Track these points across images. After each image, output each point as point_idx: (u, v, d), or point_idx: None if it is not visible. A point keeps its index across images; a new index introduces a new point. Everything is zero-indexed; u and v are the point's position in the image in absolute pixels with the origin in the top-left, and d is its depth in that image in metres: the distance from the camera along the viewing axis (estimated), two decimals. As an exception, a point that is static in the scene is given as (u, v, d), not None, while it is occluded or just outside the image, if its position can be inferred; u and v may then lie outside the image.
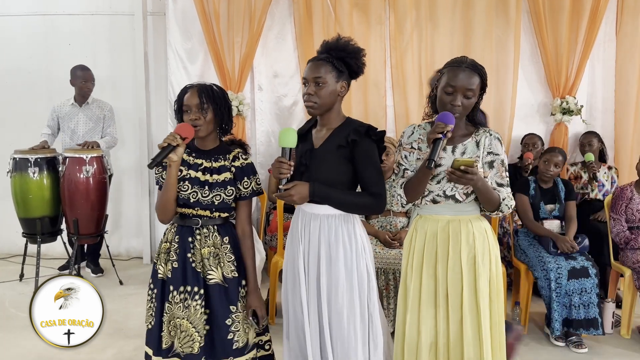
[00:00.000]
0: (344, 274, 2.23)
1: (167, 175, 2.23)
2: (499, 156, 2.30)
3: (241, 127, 5.11)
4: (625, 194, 3.89)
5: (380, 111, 5.11)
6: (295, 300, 2.31)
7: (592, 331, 3.51)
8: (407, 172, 2.34)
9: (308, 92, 2.22)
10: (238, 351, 2.28)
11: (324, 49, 2.27)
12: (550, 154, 3.91)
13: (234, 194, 2.31)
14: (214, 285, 2.27)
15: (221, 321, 2.26)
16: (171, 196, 2.24)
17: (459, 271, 2.27)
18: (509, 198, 2.28)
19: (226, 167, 2.31)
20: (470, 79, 2.21)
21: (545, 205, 3.89)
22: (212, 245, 2.29)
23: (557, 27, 4.92)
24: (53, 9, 5.48)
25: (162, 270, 2.29)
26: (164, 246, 2.32)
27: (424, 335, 2.30)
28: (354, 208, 2.27)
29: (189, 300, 2.24)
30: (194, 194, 2.25)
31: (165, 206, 2.26)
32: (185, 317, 2.24)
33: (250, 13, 4.98)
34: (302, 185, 2.18)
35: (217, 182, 2.28)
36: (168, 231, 2.35)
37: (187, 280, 2.26)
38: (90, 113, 4.92)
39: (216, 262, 2.29)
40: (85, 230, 4.54)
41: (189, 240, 2.28)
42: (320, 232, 2.25)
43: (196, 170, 2.29)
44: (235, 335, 2.27)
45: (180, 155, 2.21)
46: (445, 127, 2.11)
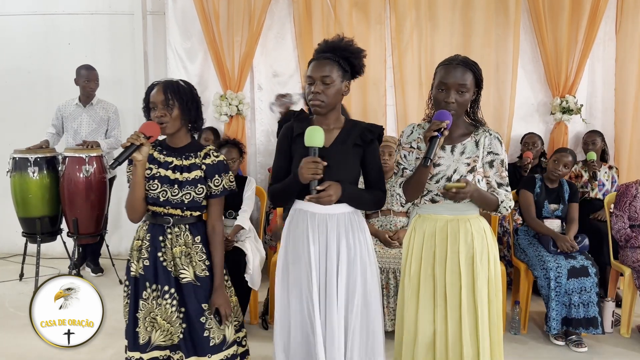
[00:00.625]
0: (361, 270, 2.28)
1: (133, 174, 2.23)
2: (499, 156, 2.31)
3: (241, 127, 5.12)
4: (630, 191, 3.89)
5: (379, 110, 5.11)
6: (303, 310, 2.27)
7: (591, 330, 3.51)
8: (406, 171, 2.35)
9: (315, 90, 2.21)
10: (215, 348, 2.31)
11: (327, 48, 2.27)
12: (560, 153, 3.90)
13: (204, 192, 2.30)
14: (187, 284, 2.28)
15: (195, 319, 2.28)
16: (138, 195, 2.25)
17: (457, 271, 2.28)
18: (507, 200, 2.30)
19: (197, 165, 2.30)
20: (463, 75, 2.22)
21: (549, 205, 3.88)
22: (183, 244, 2.29)
23: (557, 26, 4.92)
24: (53, 8, 5.47)
25: (134, 268, 2.31)
26: (136, 243, 2.33)
27: (421, 334, 2.31)
28: (367, 204, 2.35)
29: (160, 299, 2.26)
30: (164, 192, 2.25)
31: (133, 205, 2.26)
32: (159, 314, 2.26)
33: (249, 12, 4.98)
34: (336, 185, 2.19)
35: (187, 180, 2.27)
36: (140, 228, 2.35)
37: (158, 279, 2.27)
38: (94, 114, 4.89)
39: (188, 261, 2.29)
40: (85, 230, 4.54)
41: (160, 239, 2.29)
42: (339, 230, 2.27)
43: (166, 168, 2.28)
44: (211, 332, 2.30)
45: (145, 155, 2.21)
46: (440, 124, 2.12)
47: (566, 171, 3.88)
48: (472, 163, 2.29)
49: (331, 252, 2.26)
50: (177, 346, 2.29)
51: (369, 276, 2.30)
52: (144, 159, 2.22)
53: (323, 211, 2.27)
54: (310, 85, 2.23)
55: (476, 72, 2.27)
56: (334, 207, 2.26)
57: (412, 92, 5.07)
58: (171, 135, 2.30)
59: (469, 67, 2.25)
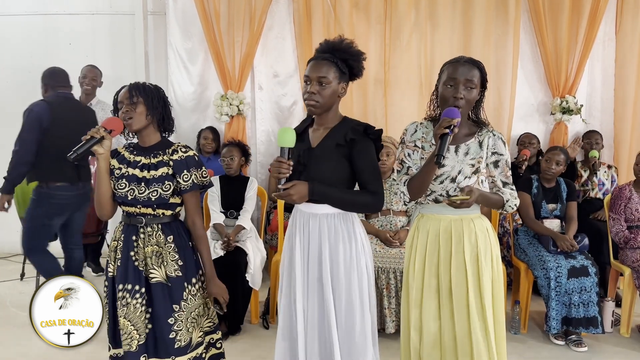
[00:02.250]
0: (343, 273, 2.23)
1: (97, 168, 2.26)
2: (503, 156, 2.34)
3: (241, 127, 5.12)
4: (624, 193, 3.90)
5: (380, 110, 5.12)
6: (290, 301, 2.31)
7: (591, 330, 3.52)
8: (411, 169, 2.35)
9: (311, 90, 2.21)
10: (180, 350, 2.28)
11: (326, 49, 2.27)
12: (551, 152, 3.92)
13: (171, 189, 2.29)
14: (156, 284, 2.27)
15: (163, 320, 2.26)
16: (103, 190, 2.27)
17: (462, 270, 2.29)
18: (512, 198, 2.34)
19: (164, 161, 2.30)
20: (470, 71, 2.25)
21: (547, 205, 3.89)
22: (155, 244, 2.29)
23: (557, 26, 4.92)
24: (53, 8, 5.48)
25: (111, 268, 2.33)
26: (113, 244, 2.36)
27: (426, 332, 2.32)
28: (353, 206, 2.28)
29: (127, 299, 2.26)
30: (131, 191, 2.26)
31: (99, 200, 2.29)
32: (123, 315, 2.25)
33: (250, 13, 4.98)
34: (302, 184, 2.18)
35: (154, 177, 2.27)
36: (117, 229, 2.37)
37: (128, 279, 2.27)
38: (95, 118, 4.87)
39: (159, 261, 2.29)
40: (86, 230, 4.54)
41: (133, 239, 2.30)
42: (320, 231, 2.26)
43: (134, 167, 2.30)
44: (178, 334, 2.27)
45: (107, 148, 2.23)
46: (451, 121, 2.13)
47: (560, 169, 3.89)
48: (476, 164, 2.31)
49: (313, 252, 2.26)
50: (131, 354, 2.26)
51: (354, 279, 2.25)
52: (106, 153, 2.24)
53: (307, 210, 2.29)
54: (307, 85, 2.23)
55: (482, 70, 2.30)
56: (317, 207, 2.26)
57: (412, 92, 5.07)
58: (139, 132, 2.31)
59: (476, 65, 2.29)
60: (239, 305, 3.68)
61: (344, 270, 2.24)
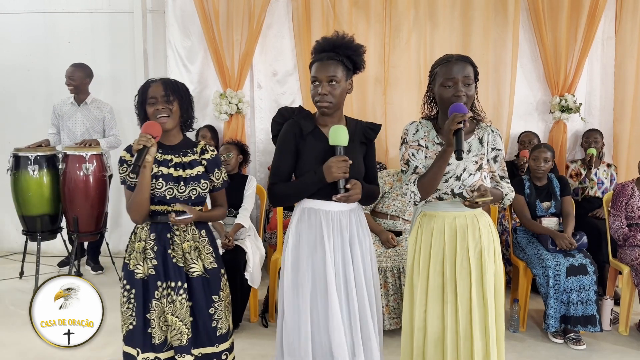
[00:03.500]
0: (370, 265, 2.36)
1: (141, 176, 2.21)
2: (501, 151, 2.41)
3: (240, 125, 5.12)
4: (626, 190, 3.90)
5: (379, 109, 5.12)
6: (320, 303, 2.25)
7: (590, 328, 3.53)
8: (418, 169, 2.35)
9: (322, 92, 2.21)
10: (222, 337, 2.37)
11: (328, 46, 2.26)
12: (537, 150, 3.93)
13: (207, 187, 2.36)
14: (197, 278, 2.32)
15: (205, 311, 2.32)
16: (146, 196, 2.25)
17: (467, 266, 2.31)
18: (510, 192, 2.41)
19: (197, 161, 2.35)
20: (465, 68, 2.27)
21: (541, 203, 3.89)
22: (191, 239, 2.32)
23: (556, 24, 4.92)
24: (52, 6, 5.47)
25: (141, 270, 2.29)
26: (139, 245, 2.31)
27: (430, 331, 2.34)
28: (373, 199, 2.45)
29: (173, 296, 2.27)
30: (170, 190, 2.27)
31: (140, 206, 2.25)
32: (171, 312, 2.27)
33: (249, 11, 4.98)
34: (359, 183, 2.24)
35: (191, 176, 2.30)
36: (140, 230, 2.34)
37: (169, 276, 2.28)
38: (88, 113, 4.86)
39: (197, 255, 2.33)
40: (85, 228, 4.55)
41: (168, 237, 2.30)
42: (351, 227, 2.31)
43: (167, 166, 2.29)
44: (219, 322, 2.35)
45: (153, 155, 2.23)
46: (463, 116, 2.13)
47: (549, 166, 3.91)
48: (479, 161, 2.33)
49: (346, 249, 2.28)
50: (184, 347, 2.27)
51: (374, 270, 2.39)
52: (152, 160, 2.23)
53: (336, 208, 2.29)
54: (317, 87, 2.23)
55: (473, 64, 2.32)
56: (347, 205, 2.30)
57: (412, 91, 5.06)
58: (167, 132, 2.31)
59: (468, 61, 2.30)
60: (238, 304, 3.68)
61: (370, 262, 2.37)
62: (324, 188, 2.23)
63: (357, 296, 2.27)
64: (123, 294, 2.34)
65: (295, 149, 2.30)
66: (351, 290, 2.27)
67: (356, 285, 2.28)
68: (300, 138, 2.29)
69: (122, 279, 2.35)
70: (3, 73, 5.58)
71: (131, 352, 2.33)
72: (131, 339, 2.33)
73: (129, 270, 2.32)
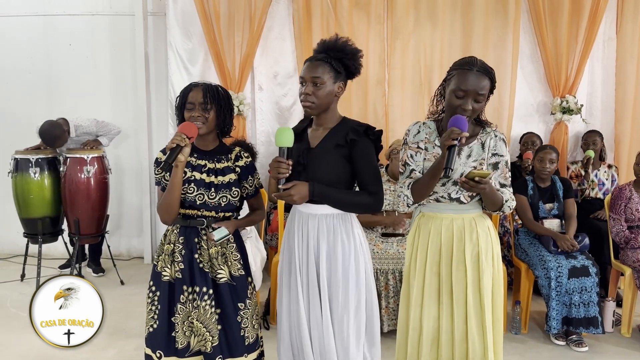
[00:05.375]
0: (341, 272, 2.23)
1: (173, 175, 2.21)
2: (503, 157, 2.32)
3: (242, 127, 5.12)
4: (624, 193, 3.89)
5: (380, 110, 5.11)
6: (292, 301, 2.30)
7: (592, 330, 3.52)
8: (414, 172, 2.33)
9: (306, 92, 2.20)
10: (250, 347, 2.33)
11: (321, 49, 2.26)
12: (543, 152, 3.92)
13: (239, 195, 2.33)
14: (224, 285, 2.28)
15: (232, 319, 2.29)
16: (176, 197, 2.23)
17: (463, 269, 2.29)
18: (511, 199, 2.31)
19: (230, 168, 2.32)
20: (481, 83, 2.19)
21: (544, 205, 3.89)
22: (219, 244, 2.30)
23: (557, 26, 4.92)
24: (53, 9, 5.48)
25: (168, 272, 2.29)
26: (167, 247, 2.31)
27: (425, 331, 2.33)
28: (352, 207, 2.27)
29: (197, 301, 2.26)
30: (200, 196, 2.26)
31: (170, 207, 2.24)
32: (196, 317, 2.26)
33: (250, 13, 4.99)
34: (302, 184, 2.17)
35: (223, 183, 2.29)
36: (170, 232, 2.34)
37: (195, 281, 2.27)
38: (79, 139, 4.82)
39: (223, 261, 2.30)
40: (86, 230, 4.55)
41: (195, 241, 2.28)
42: (319, 231, 2.25)
43: (200, 172, 2.29)
44: (246, 331, 2.31)
45: (186, 155, 2.20)
46: (460, 134, 2.08)
47: (553, 167, 3.90)
48: (478, 166, 2.30)
49: (311, 252, 2.25)
50: (210, 355, 2.26)
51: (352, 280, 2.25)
52: (185, 160, 2.21)
53: (305, 210, 2.28)
54: (302, 86, 2.23)
55: (493, 78, 2.25)
56: (315, 208, 2.25)
57: (413, 92, 5.07)
58: (202, 137, 2.31)
59: (487, 75, 2.22)
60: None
61: (341, 270, 2.24)
62: None
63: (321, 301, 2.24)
64: (148, 295, 2.34)
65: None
66: (313, 293, 2.25)
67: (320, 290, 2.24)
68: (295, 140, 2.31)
69: (150, 280, 2.35)
70: (4, 75, 5.59)
71: (150, 354, 2.31)
72: (152, 340, 2.32)
73: (156, 272, 2.32)
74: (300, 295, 2.26)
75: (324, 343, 2.24)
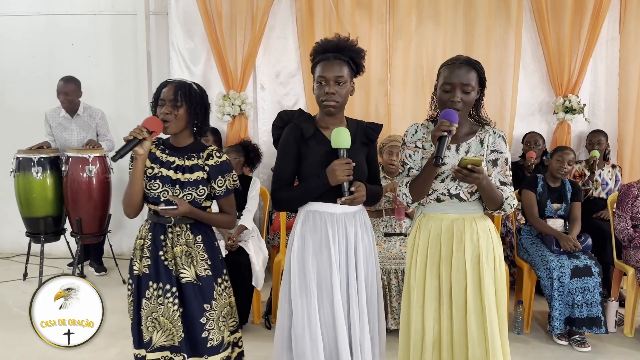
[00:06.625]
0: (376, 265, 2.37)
1: (133, 168, 2.24)
2: (502, 154, 2.31)
3: (243, 127, 5.12)
4: (632, 191, 3.88)
5: (382, 109, 5.11)
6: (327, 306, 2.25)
7: (595, 330, 3.51)
8: (412, 171, 2.34)
9: (330, 91, 2.21)
10: (213, 349, 2.30)
11: (331, 48, 2.26)
12: (562, 151, 3.89)
13: (205, 193, 2.30)
14: (187, 284, 2.28)
15: (196, 320, 2.28)
16: (136, 190, 2.25)
17: (463, 270, 2.28)
18: (511, 197, 2.29)
19: (199, 166, 2.30)
20: (467, 74, 2.23)
21: (552, 204, 3.88)
22: (184, 244, 2.29)
23: (560, 25, 4.91)
24: (56, 8, 5.48)
25: (137, 267, 2.31)
26: (139, 242, 2.33)
27: (427, 333, 2.32)
28: (375, 200, 2.41)
29: (162, 298, 2.26)
30: (165, 192, 2.25)
31: (130, 199, 2.26)
32: (161, 313, 2.27)
33: (252, 12, 4.98)
34: (363, 185, 2.24)
35: (189, 181, 2.27)
36: (143, 227, 2.36)
37: (160, 278, 2.27)
38: (83, 123, 4.88)
39: (189, 261, 2.29)
40: (89, 230, 4.55)
41: (161, 238, 2.29)
42: (356, 229, 2.31)
43: (168, 168, 2.28)
44: (210, 333, 2.29)
45: (146, 149, 2.21)
46: (450, 126, 2.11)
47: (570, 168, 3.88)
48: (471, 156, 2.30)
49: (351, 252, 2.28)
50: (178, 348, 2.29)
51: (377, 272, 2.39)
52: (145, 153, 2.23)
53: (340, 211, 2.28)
54: (324, 86, 2.23)
55: (480, 70, 2.28)
56: (351, 207, 2.29)
57: (415, 92, 5.06)
58: (174, 135, 2.31)
59: (473, 66, 2.26)
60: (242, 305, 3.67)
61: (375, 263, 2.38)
62: (328, 191, 2.23)
63: (359, 300, 2.27)
64: (128, 287, 2.38)
65: (297, 153, 2.30)
66: (352, 294, 2.26)
67: (358, 289, 2.28)
68: (302, 141, 2.29)
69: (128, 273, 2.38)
70: (6, 75, 5.59)
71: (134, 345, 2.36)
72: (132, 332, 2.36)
73: (131, 265, 2.35)
74: (339, 298, 2.23)
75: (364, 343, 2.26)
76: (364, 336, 2.27)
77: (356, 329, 2.25)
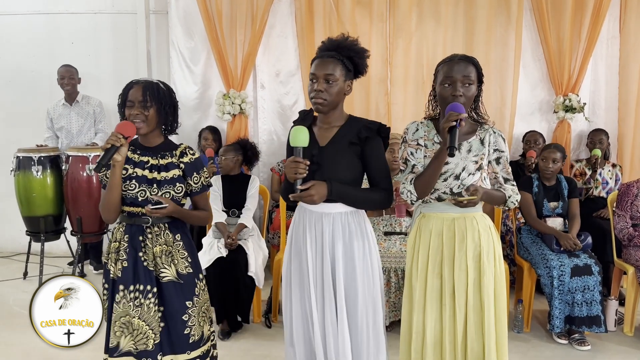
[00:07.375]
0: (358, 271, 2.25)
1: (111, 175, 2.21)
2: (504, 153, 2.37)
3: (244, 126, 5.12)
4: (632, 190, 3.88)
5: (383, 108, 5.11)
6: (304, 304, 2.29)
7: (594, 329, 3.51)
8: (416, 167, 2.35)
9: (318, 88, 2.19)
10: (194, 344, 2.33)
11: (331, 47, 2.26)
12: (547, 150, 3.91)
13: (183, 191, 2.31)
14: (168, 283, 2.28)
15: (178, 317, 2.28)
16: (115, 196, 2.24)
17: (464, 269, 2.29)
18: (514, 194, 2.36)
19: (174, 164, 2.30)
20: (466, 68, 2.26)
21: (549, 203, 3.88)
22: (164, 243, 2.29)
23: (560, 24, 4.90)
24: (56, 7, 5.48)
25: (112, 270, 2.29)
26: (114, 245, 2.31)
27: (429, 333, 2.32)
28: (366, 204, 2.30)
29: (141, 299, 2.25)
30: (142, 192, 2.25)
31: (109, 206, 2.25)
32: (137, 315, 2.24)
33: (252, 12, 4.98)
34: (320, 184, 2.17)
35: (166, 179, 2.27)
36: (116, 230, 2.34)
37: (139, 279, 2.26)
38: (81, 110, 5.03)
39: (169, 260, 2.29)
40: (89, 229, 4.56)
41: (140, 239, 2.28)
42: (334, 230, 2.25)
43: (142, 168, 2.28)
44: (192, 329, 2.31)
45: (124, 155, 2.20)
46: (459, 116, 2.13)
47: (557, 166, 3.88)
48: (479, 161, 2.32)
49: (326, 251, 2.24)
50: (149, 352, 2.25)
51: (369, 277, 2.28)
52: (123, 160, 2.21)
53: (318, 210, 2.27)
54: (313, 83, 2.22)
55: (477, 65, 2.31)
56: (329, 206, 2.25)
57: (415, 90, 5.06)
58: (146, 135, 2.30)
59: (471, 61, 2.29)
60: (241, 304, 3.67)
61: (359, 269, 2.25)
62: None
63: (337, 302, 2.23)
64: (104, 292, 2.37)
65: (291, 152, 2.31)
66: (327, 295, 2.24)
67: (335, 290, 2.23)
68: None
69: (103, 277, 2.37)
70: (7, 74, 5.59)
71: None
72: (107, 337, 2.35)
73: (106, 269, 2.34)
74: (313, 297, 2.24)
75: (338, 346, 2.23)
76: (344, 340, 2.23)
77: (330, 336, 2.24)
